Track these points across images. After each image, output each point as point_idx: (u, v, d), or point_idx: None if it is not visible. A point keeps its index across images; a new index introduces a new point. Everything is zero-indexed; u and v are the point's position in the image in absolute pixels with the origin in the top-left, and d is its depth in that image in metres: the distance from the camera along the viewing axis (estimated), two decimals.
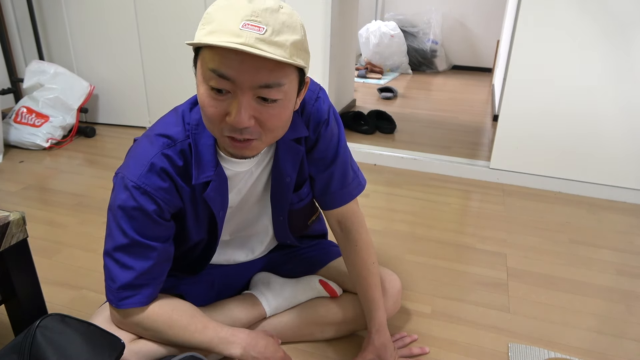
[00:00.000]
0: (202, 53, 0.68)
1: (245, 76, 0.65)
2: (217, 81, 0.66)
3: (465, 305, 1.27)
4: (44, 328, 0.72)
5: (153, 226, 0.80)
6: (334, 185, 0.95)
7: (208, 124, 0.73)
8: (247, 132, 0.70)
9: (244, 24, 0.63)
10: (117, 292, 0.82)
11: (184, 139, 0.80)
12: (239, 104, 0.67)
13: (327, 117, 0.89)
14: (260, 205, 0.99)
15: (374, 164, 2.26)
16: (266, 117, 0.70)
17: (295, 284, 1.08)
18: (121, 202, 0.78)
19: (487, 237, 1.63)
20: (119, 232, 0.79)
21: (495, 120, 2.76)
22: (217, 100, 0.68)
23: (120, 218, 0.78)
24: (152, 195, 0.78)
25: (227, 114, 0.68)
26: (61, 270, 1.36)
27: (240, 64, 0.64)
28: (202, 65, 0.68)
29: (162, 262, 0.85)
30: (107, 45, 2.51)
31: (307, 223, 1.12)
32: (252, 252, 1.08)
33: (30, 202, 1.77)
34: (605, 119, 1.86)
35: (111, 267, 0.81)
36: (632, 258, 1.53)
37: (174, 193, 0.81)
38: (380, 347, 0.98)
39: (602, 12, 1.73)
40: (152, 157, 0.78)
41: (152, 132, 0.82)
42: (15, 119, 2.33)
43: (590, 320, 1.23)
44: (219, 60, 0.65)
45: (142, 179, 0.77)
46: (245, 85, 0.66)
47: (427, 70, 4.79)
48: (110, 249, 0.81)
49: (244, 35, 0.63)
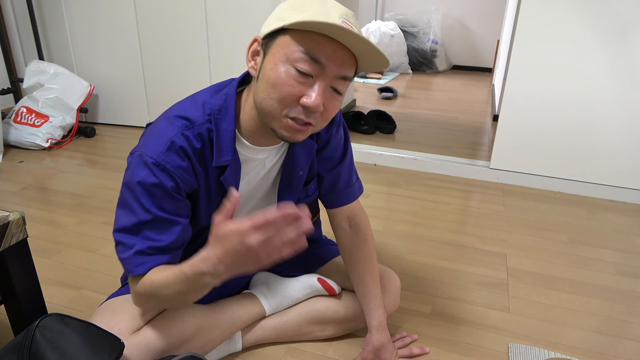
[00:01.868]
0: (291, 34, 0.71)
1: (334, 64, 0.72)
2: (307, 63, 0.71)
3: (465, 305, 1.27)
4: (44, 328, 0.72)
5: (173, 202, 0.80)
6: (341, 183, 1.00)
7: (274, 103, 0.74)
8: (312, 117, 0.75)
9: (342, 21, 0.70)
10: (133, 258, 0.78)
11: (202, 122, 0.81)
12: (320, 88, 0.73)
13: (338, 119, 0.96)
14: (266, 201, 1.00)
15: (374, 164, 2.26)
16: (330, 106, 0.76)
17: (294, 282, 1.08)
18: (141, 178, 0.77)
19: (487, 237, 1.63)
20: (141, 209, 0.78)
21: (495, 120, 2.76)
22: (297, 81, 0.72)
23: (140, 195, 0.78)
24: (171, 172, 0.78)
25: (303, 95, 0.73)
26: (61, 270, 1.36)
27: (334, 52, 0.71)
28: (289, 46, 0.71)
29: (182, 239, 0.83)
30: (107, 45, 2.51)
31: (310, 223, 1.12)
32: None
33: (30, 202, 1.77)
34: (605, 119, 1.86)
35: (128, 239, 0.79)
36: (632, 258, 1.53)
37: (191, 173, 0.82)
38: (380, 347, 0.99)
39: (602, 12, 1.73)
40: (172, 136, 0.79)
41: (170, 113, 0.83)
42: (15, 119, 2.33)
43: (590, 320, 1.23)
44: (315, 44, 0.70)
45: (162, 156, 0.78)
46: (330, 73, 0.72)
47: (427, 70, 4.79)
48: (130, 223, 0.79)
49: (346, 27, 0.68)
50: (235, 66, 2.35)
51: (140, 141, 0.83)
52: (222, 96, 0.83)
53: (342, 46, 0.71)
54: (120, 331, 0.84)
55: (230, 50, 2.33)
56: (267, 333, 1.06)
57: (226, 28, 2.30)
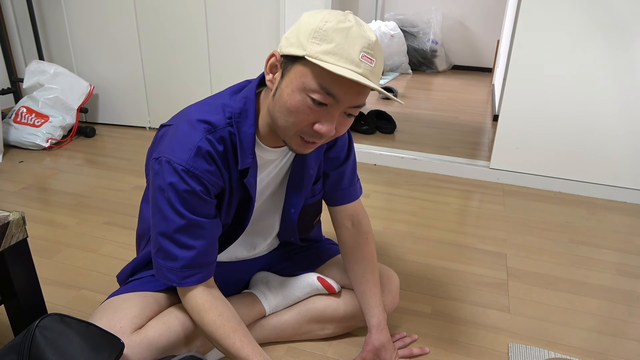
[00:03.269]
0: (309, 65, 0.73)
1: (348, 98, 0.74)
2: (322, 96, 0.73)
3: (465, 305, 1.27)
4: (44, 328, 0.72)
5: (204, 205, 0.83)
6: (345, 182, 1.03)
7: (289, 126, 0.78)
8: (325, 139, 0.79)
9: (362, 55, 0.71)
10: (181, 271, 0.84)
11: (224, 126, 0.83)
12: (333, 118, 0.76)
13: None
14: (274, 200, 1.02)
15: (374, 164, 2.26)
16: (341, 128, 0.80)
17: (294, 281, 1.08)
18: (173, 183, 0.80)
19: (487, 237, 1.63)
20: (175, 214, 0.81)
21: (495, 120, 2.76)
22: (312, 110, 0.75)
23: (173, 200, 0.81)
24: (201, 178, 0.81)
25: (317, 122, 0.76)
26: (61, 270, 1.36)
27: (349, 88, 0.73)
28: (306, 77, 0.73)
29: (215, 240, 0.88)
30: (107, 45, 2.51)
31: (313, 223, 1.13)
32: (254, 248, 1.09)
33: (30, 202, 1.77)
34: (605, 119, 1.87)
35: (171, 248, 0.83)
36: (632, 258, 1.53)
37: (219, 176, 0.84)
38: (380, 346, 0.99)
39: (602, 12, 1.73)
40: (198, 141, 0.81)
41: (192, 117, 0.84)
42: (15, 119, 2.33)
43: (590, 320, 1.23)
44: (332, 81, 0.72)
45: (190, 162, 0.80)
46: (345, 105, 0.75)
47: (427, 70, 4.79)
48: (168, 230, 0.82)
49: (362, 66, 0.72)
50: (235, 66, 2.35)
51: (162, 144, 0.84)
52: (242, 99, 0.85)
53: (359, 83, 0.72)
54: (122, 329, 0.84)
55: (230, 50, 2.33)
56: (267, 332, 1.06)
57: (226, 28, 2.30)
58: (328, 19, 0.72)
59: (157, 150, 0.83)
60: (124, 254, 1.44)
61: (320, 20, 0.72)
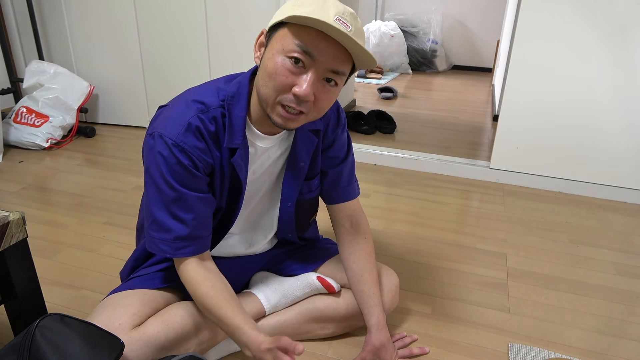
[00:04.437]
0: (289, 27, 0.76)
1: (325, 58, 0.76)
2: (299, 54, 0.76)
3: (465, 305, 1.27)
4: (44, 328, 0.72)
5: (194, 179, 0.85)
6: (343, 181, 1.05)
7: (269, 91, 0.80)
8: (304, 105, 0.79)
9: (337, 18, 0.74)
10: (174, 242, 0.86)
11: (217, 107, 0.87)
12: (310, 79, 0.77)
13: (343, 122, 1.03)
14: (272, 196, 1.03)
15: (374, 164, 2.26)
16: (322, 97, 0.80)
17: (293, 281, 1.08)
18: (164, 157, 0.83)
19: (487, 237, 1.63)
20: (167, 187, 0.84)
21: (495, 120, 2.76)
22: (291, 71, 0.77)
23: (165, 173, 0.83)
24: (190, 153, 0.84)
25: (295, 85, 0.78)
26: (61, 270, 1.36)
27: (326, 47, 0.76)
28: (285, 38, 0.76)
29: (208, 214, 0.90)
30: (107, 45, 2.51)
31: (309, 220, 1.13)
32: (253, 245, 1.09)
33: (30, 202, 1.77)
34: (605, 119, 1.86)
35: (164, 219, 0.85)
36: (632, 258, 1.53)
37: (208, 153, 0.87)
38: (380, 346, 0.99)
39: (602, 12, 1.73)
40: (189, 118, 0.84)
41: (188, 98, 0.87)
42: (15, 119, 2.33)
43: (590, 320, 1.23)
44: (308, 38, 0.75)
45: (180, 137, 0.83)
46: (321, 66, 0.77)
47: (427, 70, 4.79)
48: (162, 201, 0.85)
49: (337, 26, 0.73)
50: (235, 66, 2.35)
51: (156, 121, 0.87)
52: (236, 84, 0.89)
53: (335, 42, 0.76)
54: (121, 326, 0.85)
55: (230, 50, 2.33)
56: (266, 332, 1.05)
57: (226, 28, 2.30)
58: None
59: (151, 127, 0.86)
60: (124, 254, 1.44)
61: None
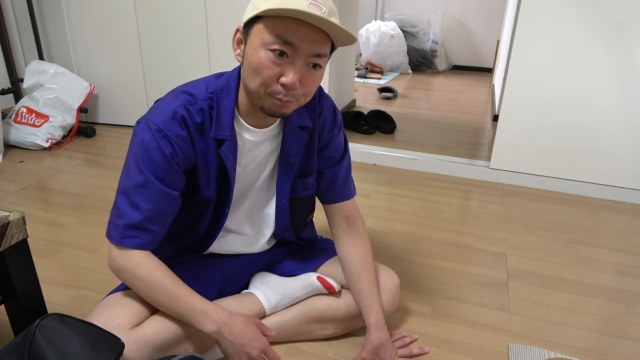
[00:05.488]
0: (264, 21, 0.77)
1: (306, 45, 0.77)
2: (280, 45, 0.76)
3: (465, 305, 1.27)
4: (44, 328, 0.72)
5: (169, 170, 0.86)
6: (339, 181, 1.06)
7: (257, 85, 0.81)
8: (293, 94, 0.80)
9: (309, 3, 0.74)
10: (123, 229, 0.86)
11: (204, 98, 0.89)
12: (295, 67, 0.78)
13: (340, 123, 1.05)
14: (267, 192, 1.04)
15: (374, 164, 2.26)
16: (308, 81, 0.81)
17: (294, 281, 1.08)
18: (144, 141, 0.84)
19: (487, 237, 1.63)
20: (137, 171, 0.84)
21: (495, 120, 2.76)
22: (274, 63, 0.78)
23: (140, 157, 0.84)
24: (172, 140, 0.85)
25: (281, 75, 0.79)
26: (61, 270, 1.36)
27: (304, 34, 0.76)
28: (263, 32, 0.77)
29: (169, 212, 0.89)
30: (107, 45, 2.51)
31: (306, 220, 1.13)
32: (253, 244, 1.09)
33: (30, 202, 1.77)
34: (605, 119, 1.86)
35: (122, 204, 0.86)
36: (632, 258, 1.53)
37: (190, 144, 0.88)
38: (379, 346, 0.99)
39: (602, 12, 1.73)
40: (176, 107, 0.86)
41: (177, 89, 0.90)
42: (15, 119, 2.33)
43: (590, 320, 1.23)
44: (286, 28, 0.76)
45: (164, 124, 0.85)
46: (303, 53, 0.78)
47: (427, 70, 4.79)
48: (126, 186, 0.86)
49: (312, 11, 0.73)
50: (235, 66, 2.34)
51: (149, 110, 0.89)
52: (225, 78, 0.91)
53: (312, 27, 0.76)
54: (120, 326, 0.85)
55: (230, 50, 2.33)
56: None
57: (226, 28, 2.30)
58: None
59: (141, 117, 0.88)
60: None
61: None
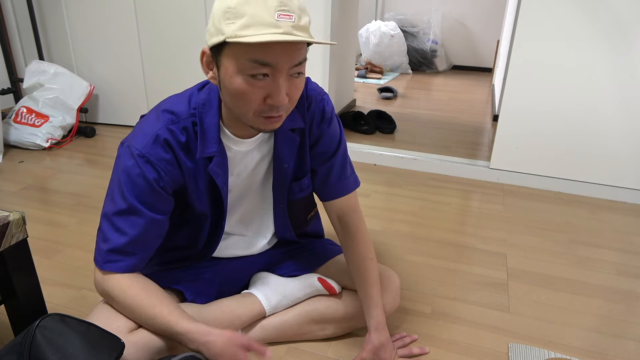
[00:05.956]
0: (234, 46, 0.72)
1: (284, 60, 0.73)
2: (258, 69, 0.72)
3: (465, 305, 1.27)
4: (44, 328, 0.72)
5: (153, 195, 0.84)
6: (333, 177, 1.01)
7: (244, 111, 0.78)
8: (282, 108, 0.78)
9: (278, 15, 0.70)
10: (106, 254, 0.85)
11: (187, 116, 0.86)
12: (279, 85, 0.74)
13: (330, 116, 0.98)
14: (264, 196, 1.02)
15: (374, 164, 2.26)
16: (294, 90, 0.78)
17: (294, 282, 1.08)
18: (127, 167, 0.83)
19: (487, 237, 1.63)
20: (120, 197, 0.83)
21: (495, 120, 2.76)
22: (256, 86, 0.74)
23: (123, 183, 0.83)
24: (155, 164, 0.83)
25: (267, 96, 0.75)
26: (61, 270, 1.36)
27: (281, 51, 0.72)
28: (237, 58, 0.73)
29: (155, 235, 0.88)
30: (107, 45, 2.51)
31: (307, 218, 1.13)
32: (253, 246, 1.09)
33: (30, 202, 1.77)
34: (605, 119, 1.86)
35: (106, 229, 0.85)
36: (632, 258, 1.53)
37: (175, 165, 0.86)
38: (379, 346, 0.99)
39: (602, 12, 1.73)
40: (158, 129, 0.84)
41: (159, 108, 0.87)
42: (15, 119, 2.33)
43: (590, 320, 1.23)
44: (260, 51, 0.71)
45: (146, 148, 0.83)
46: (283, 68, 0.74)
47: (427, 70, 4.79)
48: (109, 211, 0.85)
49: (282, 25, 0.70)
50: None
51: (132, 132, 0.87)
52: (207, 90, 0.88)
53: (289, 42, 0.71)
54: (119, 329, 0.84)
55: None
56: (266, 333, 1.06)
57: None
58: None
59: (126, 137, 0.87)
60: None
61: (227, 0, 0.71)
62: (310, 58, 2.22)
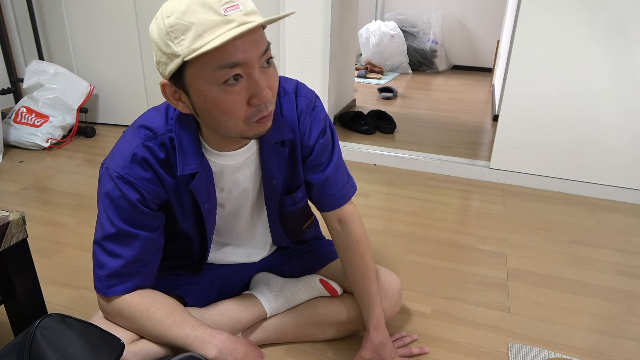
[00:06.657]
0: (195, 62, 0.68)
1: (252, 52, 0.69)
2: (229, 72, 0.68)
3: (465, 305, 1.27)
4: (44, 328, 0.72)
5: (139, 215, 0.82)
6: (331, 188, 0.96)
7: (231, 123, 0.73)
8: (269, 103, 0.74)
9: (225, 9, 0.66)
10: (105, 280, 0.83)
11: (164, 132, 0.82)
12: (257, 81, 0.70)
13: (324, 126, 0.93)
14: (258, 210, 1.00)
15: (374, 164, 2.26)
16: (271, 81, 0.74)
17: (295, 283, 1.08)
18: (107, 191, 0.80)
19: (487, 237, 1.63)
20: (107, 221, 0.81)
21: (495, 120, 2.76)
22: (234, 92, 0.70)
23: (107, 207, 0.81)
24: (135, 185, 0.80)
25: (250, 97, 0.71)
26: (61, 270, 1.36)
27: (244, 44, 0.67)
28: (203, 72, 0.68)
29: (151, 251, 0.86)
30: (107, 45, 2.51)
31: (302, 228, 1.12)
32: (252, 255, 1.09)
33: (30, 202, 1.77)
34: (605, 119, 1.86)
35: (100, 255, 0.83)
36: (632, 258, 1.53)
37: (157, 183, 0.83)
38: (379, 345, 0.98)
39: (602, 12, 1.73)
40: (134, 148, 0.80)
41: (135, 124, 0.84)
42: (15, 119, 2.33)
43: (590, 320, 1.23)
44: (224, 54, 0.67)
45: (125, 169, 0.79)
46: (254, 60, 0.69)
47: (427, 70, 4.79)
48: (99, 237, 0.83)
49: (233, 17, 0.66)
50: None
51: (111, 151, 0.84)
52: None
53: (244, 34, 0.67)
54: None
55: None
56: (267, 334, 1.05)
57: None
58: (167, 12, 0.67)
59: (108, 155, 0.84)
60: None
61: (163, 21, 0.67)
62: (311, 58, 2.23)
